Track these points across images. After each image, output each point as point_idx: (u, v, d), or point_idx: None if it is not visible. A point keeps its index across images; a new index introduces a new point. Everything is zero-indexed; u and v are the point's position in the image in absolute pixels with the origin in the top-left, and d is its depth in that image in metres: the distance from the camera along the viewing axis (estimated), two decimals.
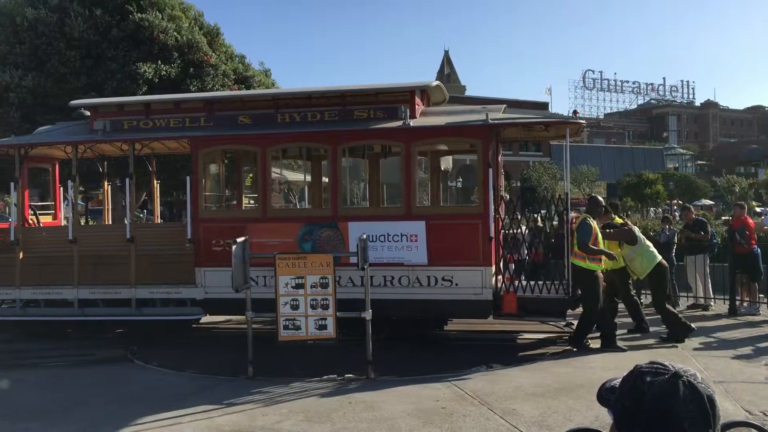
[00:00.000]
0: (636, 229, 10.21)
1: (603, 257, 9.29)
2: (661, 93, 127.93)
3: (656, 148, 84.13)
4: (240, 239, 8.22)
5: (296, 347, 8.85)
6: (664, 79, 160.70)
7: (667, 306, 10.00)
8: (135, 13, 16.77)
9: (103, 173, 13.21)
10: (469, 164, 61.75)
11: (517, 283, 9.72)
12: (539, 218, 11.34)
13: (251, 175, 13.01)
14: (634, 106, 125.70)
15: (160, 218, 13.56)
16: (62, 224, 12.43)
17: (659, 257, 10.01)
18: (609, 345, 9.16)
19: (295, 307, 8.05)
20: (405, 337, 9.98)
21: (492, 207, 9.40)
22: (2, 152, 11.78)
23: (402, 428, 6.24)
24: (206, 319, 11.74)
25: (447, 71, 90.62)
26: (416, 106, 10.24)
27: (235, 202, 12.88)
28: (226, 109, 10.94)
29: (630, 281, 10.49)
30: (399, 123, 9.79)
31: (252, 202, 13.88)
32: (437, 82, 11.16)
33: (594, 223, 9.37)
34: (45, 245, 11.60)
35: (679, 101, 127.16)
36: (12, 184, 11.35)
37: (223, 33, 19.51)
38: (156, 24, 16.81)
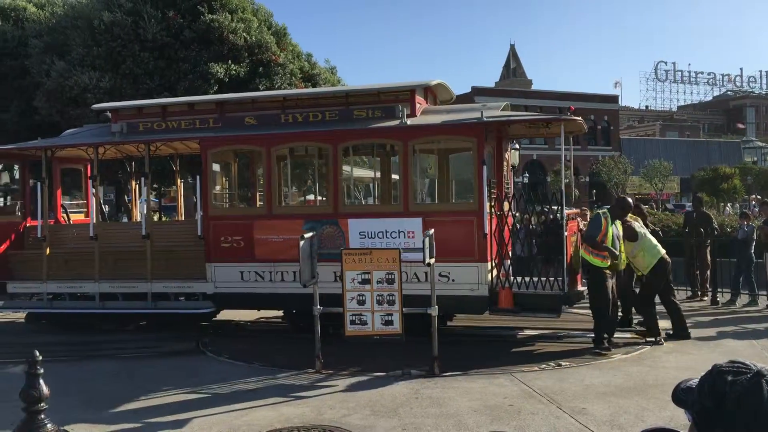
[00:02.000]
0: (637, 225, 9.81)
1: (607, 255, 9.05)
2: (738, 84, 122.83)
3: (733, 141, 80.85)
4: (307, 235, 8.33)
5: (360, 342, 8.93)
6: (741, 69, 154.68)
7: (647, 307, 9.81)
8: (206, 15, 17.17)
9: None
10: (536, 159, 61.01)
11: (512, 279, 9.71)
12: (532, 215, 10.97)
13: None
14: (709, 98, 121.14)
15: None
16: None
17: (662, 252, 9.72)
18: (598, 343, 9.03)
19: (361, 303, 8.11)
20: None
21: (487, 204, 9.53)
22: (30, 153, 12.46)
23: (469, 424, 6.21)
24: (272, 313, 12.00)
25: (513, 65, 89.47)
26: (416, 105, 10.43)
27: (247, 200, 13.19)
28: (236, 110, 11.33)
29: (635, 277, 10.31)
30: (396, 122, 10.02)
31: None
32: (438, 81, 11.26)
33: (607, 220, 9.11)
34: (70, 242, 12.23)
35: (757, 92, 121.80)
36: (39, 184, 11.98)
37: (290, 32, 19.84)
38: (226, 25, 17.18)
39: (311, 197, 16.98)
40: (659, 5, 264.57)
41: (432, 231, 8.28)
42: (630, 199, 10.14)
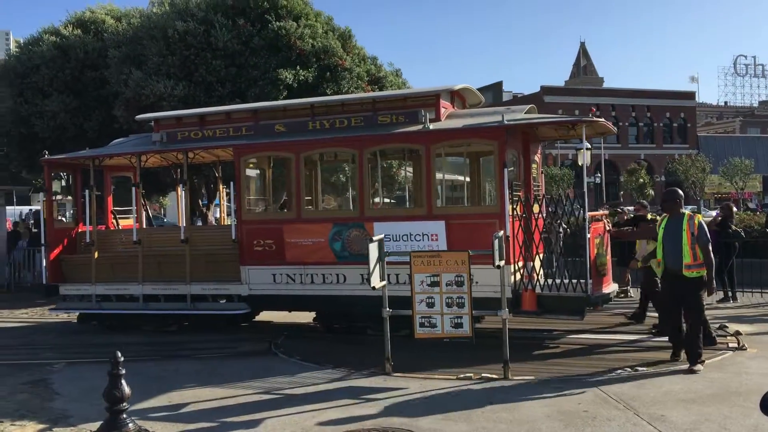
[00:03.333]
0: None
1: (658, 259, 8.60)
2: None
3: None
4: (376, 237, 8.35)
5: (428, 343, 8.89)
6: None
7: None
8: (274, 22, 17.46)
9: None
10: (608, 159, 59.51)
11: (536, 281, 9.64)
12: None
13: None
14: None
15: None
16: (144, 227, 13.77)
17: None
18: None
19: (430, 305, 8.08)
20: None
21: (508, 206, 9.61)
22: (79, 163, 13.19)
23: (542, 430, 6.09)
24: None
25: (583, 63, 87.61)
26: (441, 110, 10.66)
27: (278, 205, 13.64)
28: (268, 118, 11.72)
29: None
30: (419, 127, 10.23)
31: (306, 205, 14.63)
32: (464, 85, 11.56)
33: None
34: (116, 246, 12.92)
35: None
36: (86, 191, 12.68)
37: (354, 36, 19.92)
38: (293, 31, 17.41)
39: (338, 201, 17.24)
40: None
41: (501, 233, 8.23)
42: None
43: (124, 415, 2.54)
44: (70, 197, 14.31)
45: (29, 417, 7.10)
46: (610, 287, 10.34)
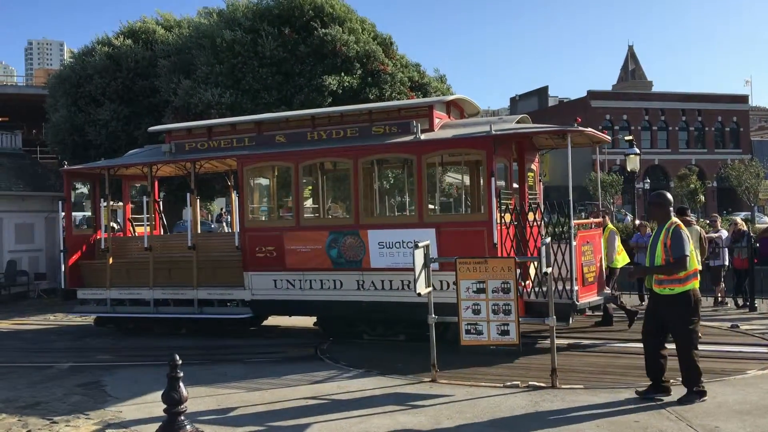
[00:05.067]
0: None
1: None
2: None
3: None
4: (422, 244, 8.34)
5: (472, 351, 8.82)
6: None
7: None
8: (319, 29, 17.62)
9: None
10: (658, 164, 58.36)
11: (523, 288, 9.71)
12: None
13: (310, 187, 14.40)
14: None
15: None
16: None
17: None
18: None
19: (476, 312, 8.01)
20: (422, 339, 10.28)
21: (495, 215, 9.80)
22: (97, 173, 13.77)
23: None
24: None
25: (631, 67, 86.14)
26: (435, 120, 10.98)
27: (278, 213, 14.12)
28: (271, 129, 12.12)
29: None
30: (411, 137, 10.53)
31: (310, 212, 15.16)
32: (458, 96, 11.99)
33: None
34: (130, 252, 13.35)
35: None
36: (102, 199, 13.28)
37: (396, 43, 19.96)
38: (338, 37, 17.55)
39: (337, 209, 17.53)
40: None
41: (549, 240, 8.18)
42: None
43: (182, 417, 2.59)
44: (121, 203, 14.77)
45: (83, 418, 7.29)
46: (601, 294, 10.53)
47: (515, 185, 11.92)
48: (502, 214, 10.05)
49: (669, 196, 7.47)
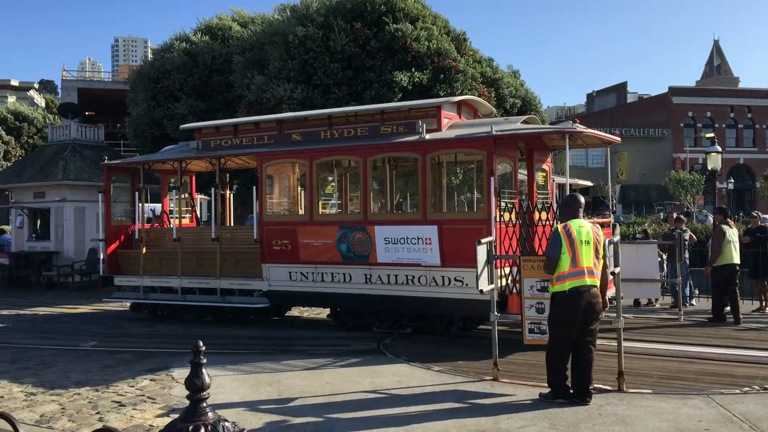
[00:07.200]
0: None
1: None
2: None
3: None
4: (485, 240, 8.21)
5: (533, 348, 8.63)
6: None
7: None
8: (390, 25, 17.60)
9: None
10: (743, 163, 55.86)
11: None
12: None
13: (332, 183, 14.97)
14: None
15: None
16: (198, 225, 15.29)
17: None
18: None
19: (540, 311, 7.83)
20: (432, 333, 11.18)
21: (494, 213, 9.94)
22: (135, 167, 14.53)
23: None
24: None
25: (717, 62, 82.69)
26: (443, 120, 11.29)
27: (294, 208, 14.46)
28: (291, 127, 12.60)
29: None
30: (416, 137, 10.91)
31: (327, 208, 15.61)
32: (467, 97, 12.41)
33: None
34: (162, 243, 14.06)
35: None
36: (137, 193, 14.17)
37: (469, 38, 19.75)
38: (409, 33, 17.48)
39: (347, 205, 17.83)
40: None
41: (617, 238, 7.92)
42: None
43: (204, 404, 2.63)
44: (199, 195, 15.58)
45: (149, 402, 7.51)
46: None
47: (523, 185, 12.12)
48: (502, 213, 10.17)
49: (578, 197, 7.38)
